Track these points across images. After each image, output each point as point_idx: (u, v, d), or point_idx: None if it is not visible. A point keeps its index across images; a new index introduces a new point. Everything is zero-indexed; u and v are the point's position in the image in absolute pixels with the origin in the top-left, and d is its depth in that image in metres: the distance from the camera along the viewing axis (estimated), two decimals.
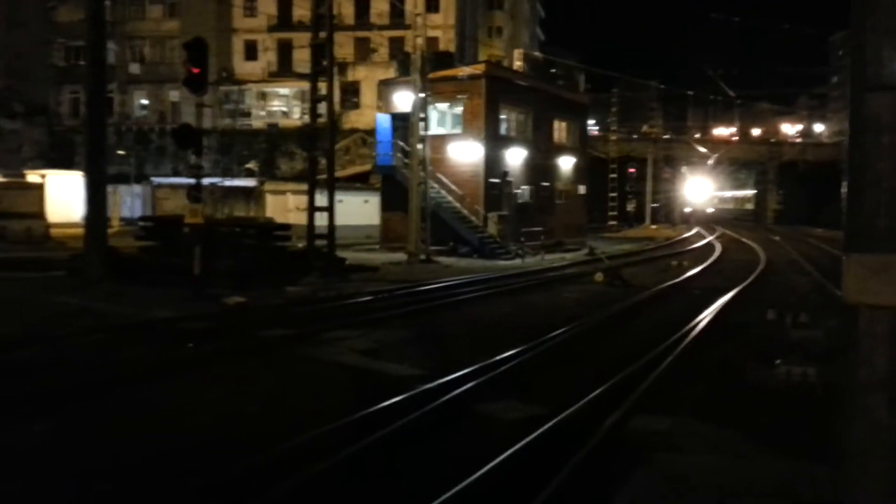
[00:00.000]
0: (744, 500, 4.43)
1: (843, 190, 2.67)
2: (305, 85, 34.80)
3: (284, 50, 57.86)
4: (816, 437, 6.88)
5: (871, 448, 2.62)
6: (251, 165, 49.48)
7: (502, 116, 36.52)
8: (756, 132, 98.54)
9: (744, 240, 47.88)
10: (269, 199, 42.59)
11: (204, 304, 15.14)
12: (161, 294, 16.08)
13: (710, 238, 48.84)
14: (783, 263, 29.93)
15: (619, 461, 5.74)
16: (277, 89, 58.96)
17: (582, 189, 45.28)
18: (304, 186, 24.05)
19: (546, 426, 7.09)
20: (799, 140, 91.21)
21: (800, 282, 22.64)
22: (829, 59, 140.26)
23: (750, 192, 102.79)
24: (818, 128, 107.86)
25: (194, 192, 16.36)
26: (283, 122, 57.32)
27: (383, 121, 34.61)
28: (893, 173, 2.58)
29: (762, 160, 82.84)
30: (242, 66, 58.63)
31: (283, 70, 57.50)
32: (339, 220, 22.84)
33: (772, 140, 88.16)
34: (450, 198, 32.97)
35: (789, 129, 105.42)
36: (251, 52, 59.06)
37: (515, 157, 36.40)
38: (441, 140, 33.75)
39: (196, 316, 13.80)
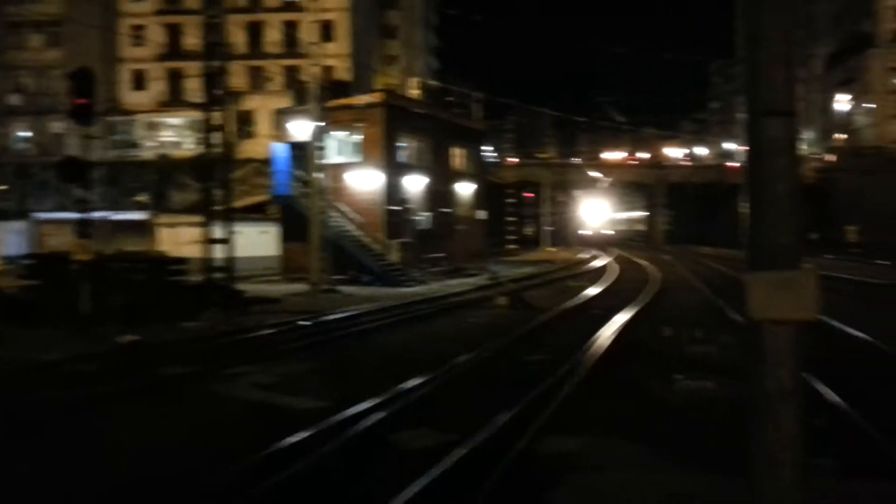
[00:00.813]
0: None
1: (741, 209, 2.78)
2: (198, 114, 33.93)
3: (174, 79, 56.54)
4: (720, 447, 7.12)
5: (781, 457, 2.71)
6: (142, 198, 47.85)
7: (401, 144, 36.70)
8: (644, 156, 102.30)
9: (637, 260, 49.50)
10: (162, 233, 41.22)
11: (94, 343, 14.44)
12: (47, 335, 15.26)
13: (606, 259, 50.25)
14: (675, 281, 31.05)
15: (533, 482, 5.77)
16: (168, 119, 57.46)
17: (481, 214, 45.89)
18: (199, 218, 23.41)
19: (458, 452, 7.07)
20: (685, 163, 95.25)
21: (692, 299, 23.52)
22: (708, 86, 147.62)
23: (641, 214, 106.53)
24: (701, 151, 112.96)
25: (82, 228, 15.68)
26: (175, 153, 55.82)
27: (280, 150, 34.15)
28: (790, 194, 2.70)
29: (651, 183, 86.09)
30: (130, 96, 56.92)
31: (174, 99, 56.14)
32: (237, 251, 22.31)
33: (660, 163, 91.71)
34: (351, 226, 32.79)
35: (674, 152, 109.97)
36: (139, 81, 57.45)
37: (415, 185, 36.60)
38: (340, 168, 33.60)
39: (85, 356, 13.13)
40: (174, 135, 57.53)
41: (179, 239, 38.85)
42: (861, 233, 69.46)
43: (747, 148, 2.76)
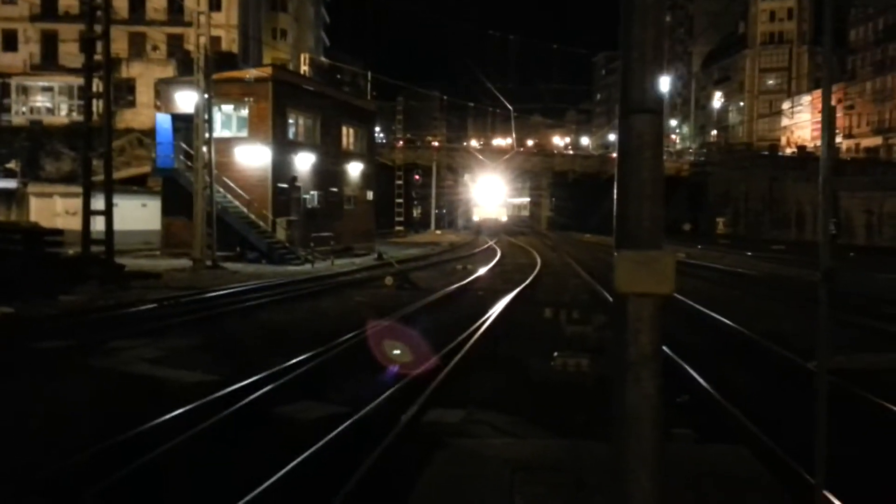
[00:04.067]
0: (534, 471, 4.92)
1: (615, 197, 3.12)
2: (73, 79, 32.42)
3: (49, 41, 53.57)
4: (589, 416, 7.65)
5: (640, 415, 3.08)
6: (11, 165, 45.24)
7: (290, 121, 36.25)
8: (531, 143, 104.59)
9: (521, 244, 50.81)
10: (34, 202, 39.30)
11: None
12: None
13: (490, 243, 51.30)
14: (556, 266, 32.16)
15: (419, 448, 6.09)
16: (41, 83, 54.39)
17: (370, 195, 45.92)
18: (74, 189, 22.69)
19: (346, 423, 7.31)
20: (569, 152, 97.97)
21: (571, 282, 24.47)
22: (593, 78, 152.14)
23: (525, 200, 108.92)
24: (585, 140, 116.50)
25: None
26: (48, 120, 52.98)
27: (164, 121, 33.12)
28: (654, 183, 3.06)
29: (536, 170, 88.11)
30: (0, 58, 53.56)
31: (48, 63, 53.20)
32: (116, 225, 21.62)
33: (545, 151, 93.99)
34: (237, 202, 32.23)
35: (559, 141, 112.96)
36: (10, 42, 54.08)
37: (304, 162, 36.26)
38: (227, 143, 32.91)
39: None
40: (48, 100, 54.59)
41: (53, 209, 37.23)
42: (730, 224, 73.68)
43: (618, 140, 3.10)
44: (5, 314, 13.83)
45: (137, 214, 37.72)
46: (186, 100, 31.42)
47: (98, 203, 21.25)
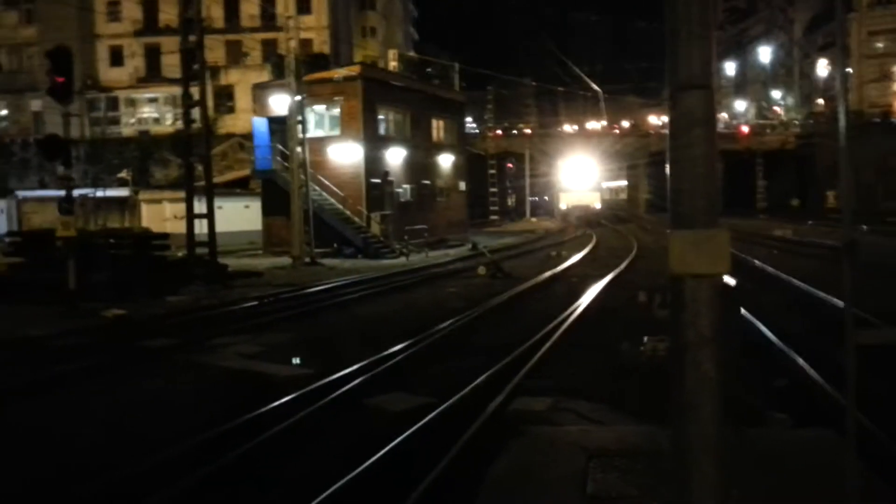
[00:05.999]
0: (610, 457, 4.88)
1: (668, 176, 3.06)
2: (176, 90, 33.76)
3: (152, 55, 56.02)
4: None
5: (700, 398, 3.02)
6: (123, 175, 47.59)
7: (380, 117, 36.75)
8: (627, 124, 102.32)
9: (616, 228, 49.97)
10: (145, 209, 41.23)
11: (81, 318, 14.69)
12: (34, 311, 15.48)
13: (585, 229, 50.66)
14: (652, 250, 31.42)
15: (502, 436, 6.11)
16: (147, 95, 57.04)
17: (462, 185, 46.07)
18: (181, 194, 23.59)
19: (434, 413, 7.41)
20: (664, 131, 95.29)
21: (666, 266, 23.86)
22: None
23: (623, 183, 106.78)
24: None
25: (66, 205, 15.82)
26: (155, 129, 55.51)
27: (260, 125, 34.14)
28: (706, 159, 2.98)
29: (630, 151, 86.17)
30: (108, 73, 56.37)
31: (152, 75, 55.68)
32: (220, 226, 22.50)
33: (641, 132, 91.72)
34: (332, 199, 32.94)
35: (655, 120, 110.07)
36: (117, 57, 56.86)
37: (395, 157, 36.71)
38: (320, 142, 33.66)
39: (73, 331, 13.38)
40: (154, 110, 57.19)
41: (162, 214, 38.96)
42: (840, 198, 70.26)
43: (669, 117, 3.04)
44: (118, 315, 14.62)
45: (241, 216, 39.03)
46: (280, 102, 32.28)
47: (202, 206, 22.12)
